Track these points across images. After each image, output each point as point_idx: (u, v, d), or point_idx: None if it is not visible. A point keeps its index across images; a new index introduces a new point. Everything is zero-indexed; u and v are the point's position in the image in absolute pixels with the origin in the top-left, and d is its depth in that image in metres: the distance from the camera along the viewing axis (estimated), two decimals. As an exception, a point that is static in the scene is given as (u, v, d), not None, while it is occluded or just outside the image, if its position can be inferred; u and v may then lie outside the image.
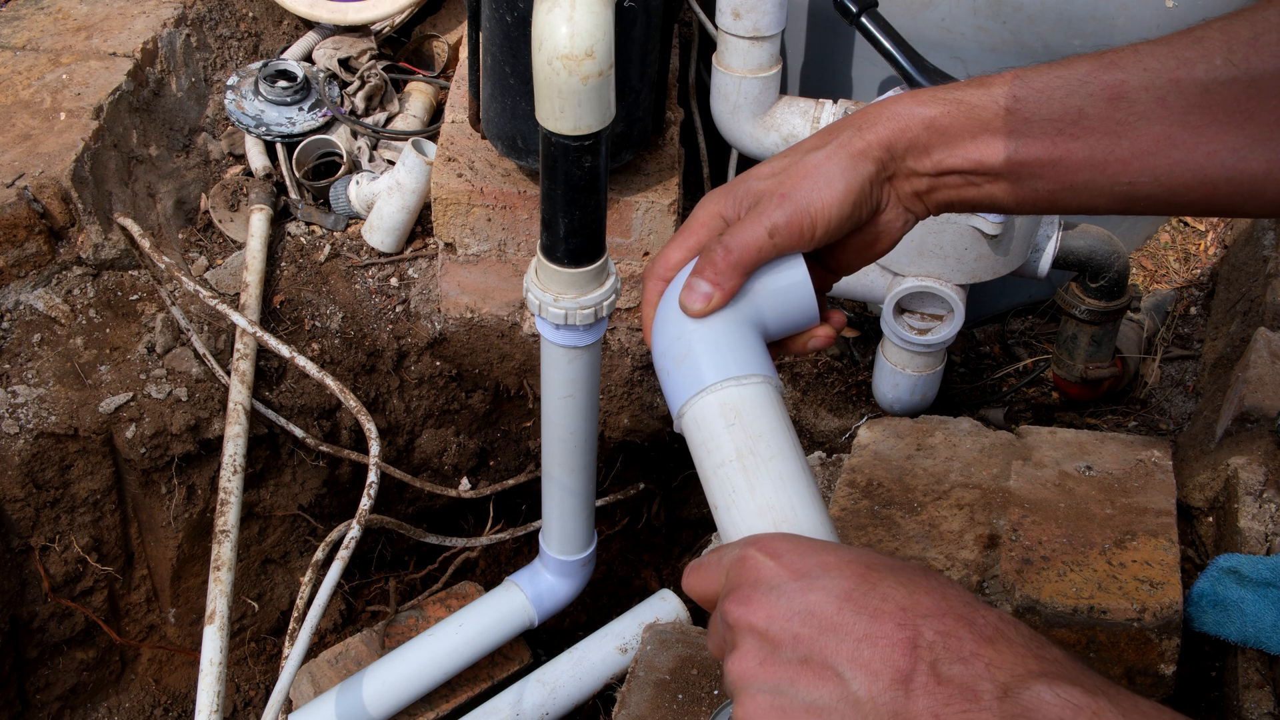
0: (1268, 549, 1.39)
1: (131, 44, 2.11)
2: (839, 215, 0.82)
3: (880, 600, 0.64)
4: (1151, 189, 0.79)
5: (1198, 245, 2.36)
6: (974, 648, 0.62)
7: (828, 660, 0.64)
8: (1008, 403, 2.12)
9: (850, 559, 0.67)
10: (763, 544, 0.69)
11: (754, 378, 0.83)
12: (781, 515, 0.77)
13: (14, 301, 1.85)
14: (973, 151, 0.82)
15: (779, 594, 0.66)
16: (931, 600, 0.64)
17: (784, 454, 0.81)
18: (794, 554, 0.68)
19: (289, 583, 2.18)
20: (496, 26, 1.71)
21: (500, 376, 2.15)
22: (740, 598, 0.68)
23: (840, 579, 0.65)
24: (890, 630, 0.63)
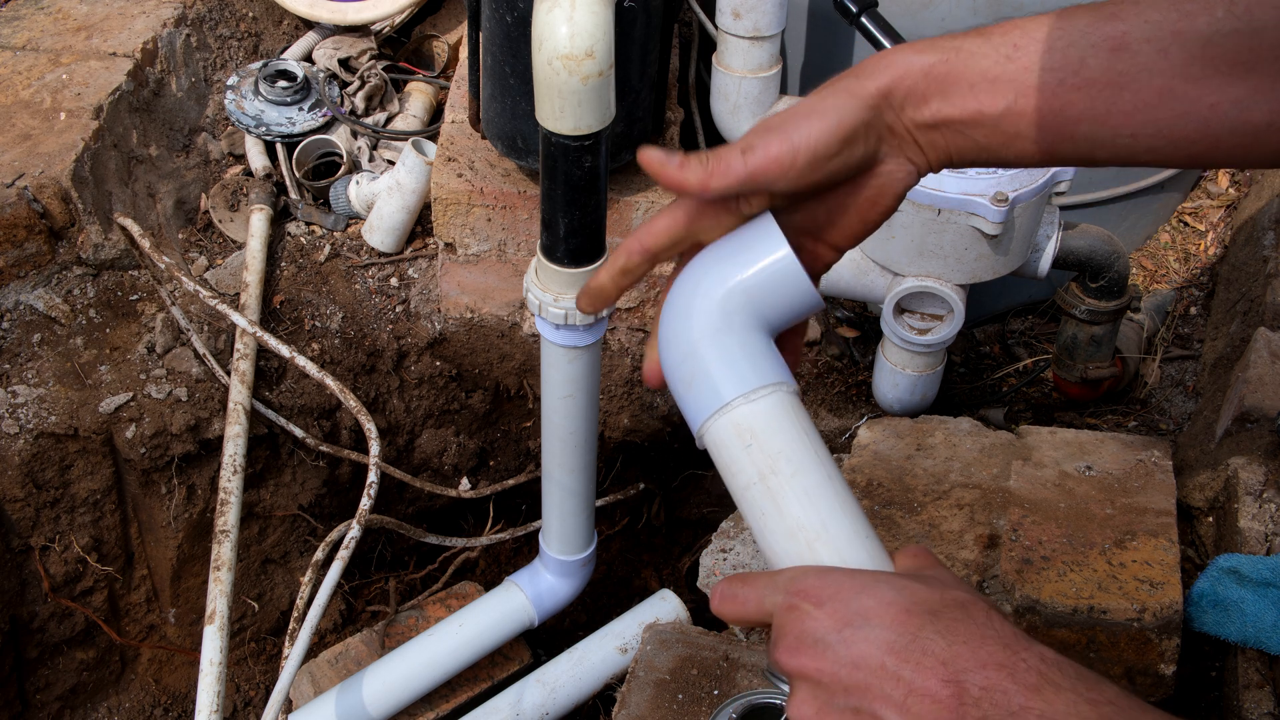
0: (1268, 549, 1.39)
1: (131, 44, 2.11)
2: (824, 147, 0.79)
3: (921, 654, 0.66)
4: (1153, 141, 0.78)
5: (1198, 245, 2.36)
6: (1022, 700, 0.64)
7: (877, 713, 0.67)
8: (1008, 403, 2.12)
9: (889, 601, 0.69)
10: (806, 593, 0.72)
11: (763, 389, 0.82)
12: (813, 533, 0.78)
13: (14, 301, 1.85)
14: (971, 101, 0.80)
15: (826, 647, 0.69)
16: (969, 650, 0.66)
17: (806, 467, 0.80)
18: (836, 601, 0.70)
19: (289, 583, 2.18)
20: (496, 26, 1.71)
21: (500, 376, 2.15)
22: (791, 648, 0.71)
23: (882, 629, 0.68)
24: (935, 686, 0.65)
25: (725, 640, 1.39)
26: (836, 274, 1.81)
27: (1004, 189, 1.64)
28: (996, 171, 1.65)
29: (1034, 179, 1.67)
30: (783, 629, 0.72)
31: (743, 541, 1.56)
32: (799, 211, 0.85)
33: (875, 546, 0.79)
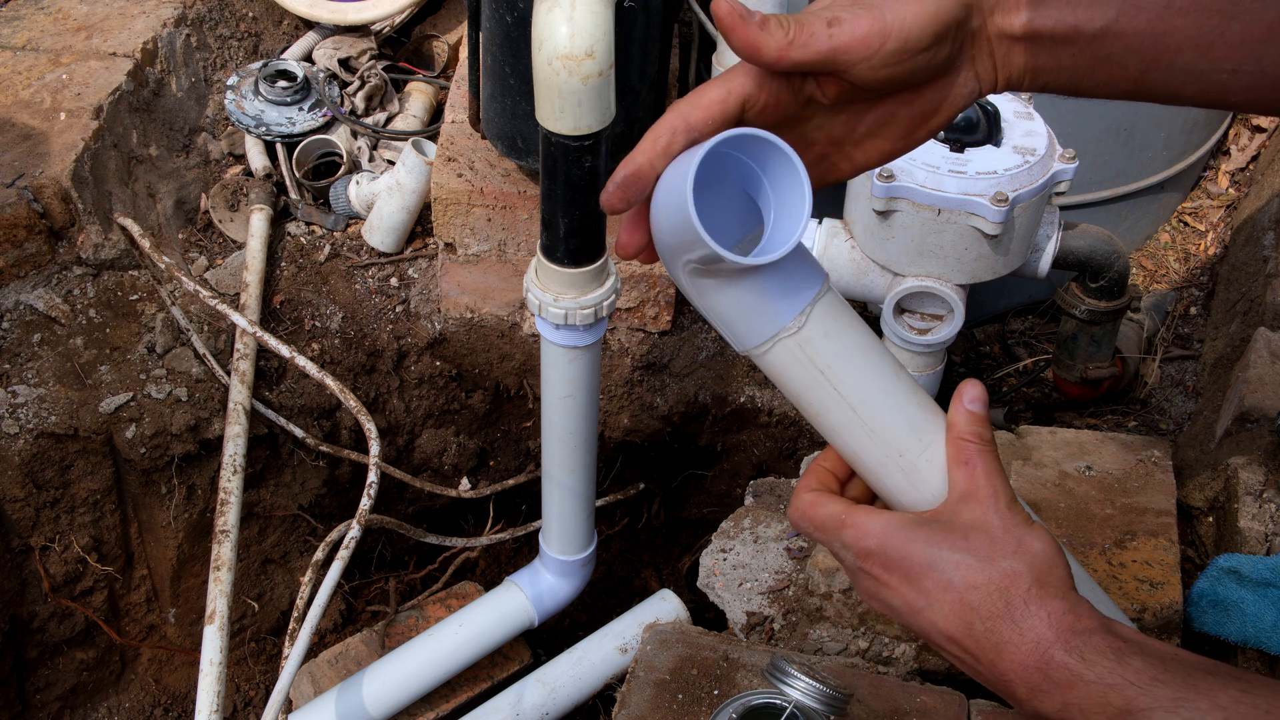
0: (1268, 549, 1.39)
1: (131, 44, 2.11)
2: (917, 36, 0.72)
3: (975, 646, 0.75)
4: (1252, 80, 0.74)
5: (1198, 245, 2.36)
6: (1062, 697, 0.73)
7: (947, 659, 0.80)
8: (1008, 403, 2.12)
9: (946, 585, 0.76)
10: (871, 559, 0.79)
11: (802, 315, 0.78)
12: (884, 437, 0.80)
13: (14, 301, 1.85)
14: (1069, 14, 0.73)
15: (896, 611, 0.79)
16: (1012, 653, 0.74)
17: (865, 364, 0.80)
18: (901, 575, 0.78)
19: (289, 583, 2.18)
20: (496, 26, 1.71)
21: (500, 376, 2.15)
22: (866, 592, 0.81)
23: (940, 617, 0.76)
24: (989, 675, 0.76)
25: (725, 640, 1.39)
26: (836, 274, 1.81)
27: (1004, 189, 1.64)
28: (997, 171, 1.65)
29: (1034, 179, 1.67)
30: (857, 580, 0.81)
31: (742, 541, 1.56)
32: (844, 114, 0.78)
33: (922, 416, 0.81)
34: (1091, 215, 2.19)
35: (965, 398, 0.80)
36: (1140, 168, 2.21)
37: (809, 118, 0.78)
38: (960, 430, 0.80)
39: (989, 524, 0.76)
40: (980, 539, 0.76)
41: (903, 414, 0.80)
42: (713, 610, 1.56)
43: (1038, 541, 0.76)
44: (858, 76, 0.74)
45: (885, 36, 0.71)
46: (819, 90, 0.76)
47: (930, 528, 0.77)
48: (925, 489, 0.81)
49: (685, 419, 2.11)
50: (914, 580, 0.77)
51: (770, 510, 1.60)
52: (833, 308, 0.79)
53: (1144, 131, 2.15)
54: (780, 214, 0.76)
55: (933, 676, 1.36)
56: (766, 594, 1.49)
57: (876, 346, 0.81)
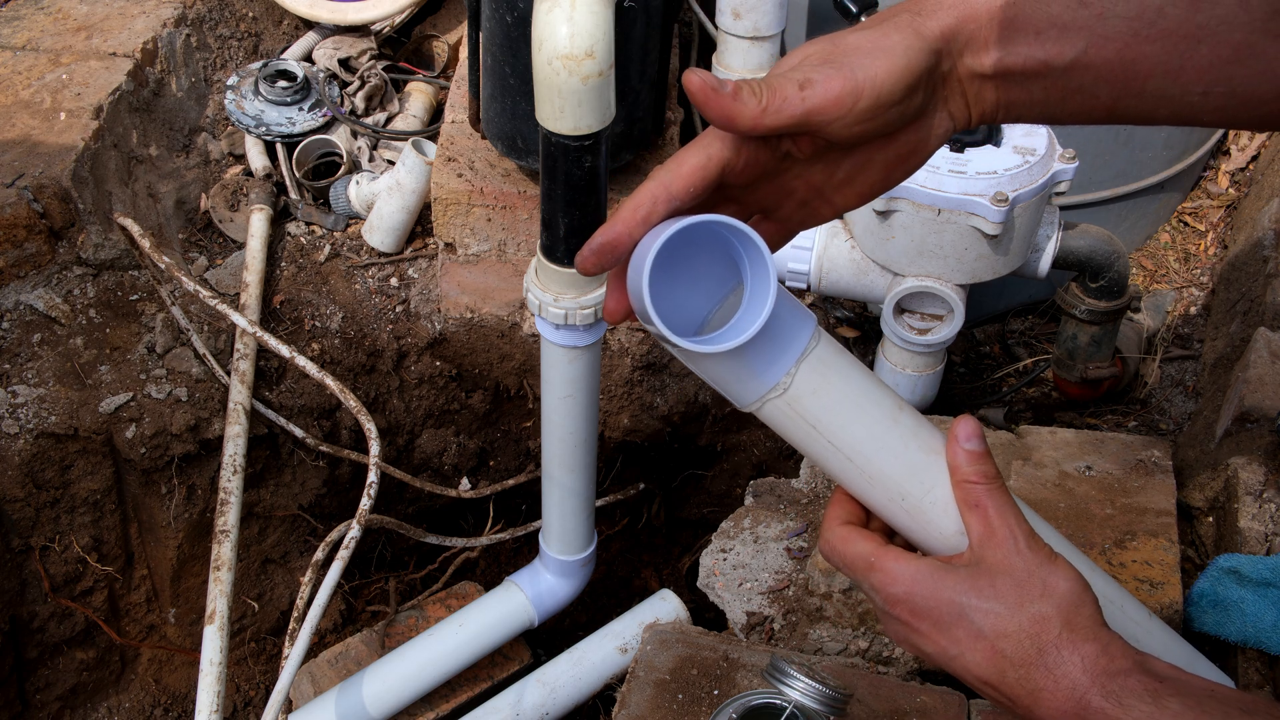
0: (1268, 549, 1.39)
1: (131, 44, 2.11)
2: (889, 91, 0.72)
3: (1011, 694, 0.76)
4: (1223, 100, 0.74)
5: (1198, 245, 2.36)
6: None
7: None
8: (1008, 403, 2.12)
9: (976, 635, 0.76)
10: (898, 605, 0.79)
11: (788, 376, 0.79)
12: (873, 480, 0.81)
13: (14, 301, 1.85)
14: (1038, 50, 0.74)
15: (930, 657, 0.80)
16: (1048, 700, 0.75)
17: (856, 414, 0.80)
18: (930, 622, 0.78)
19: (289, 583, 2.18)
20: (496, 26, 1.71)
21: (500, 376, 2.15)
22: (898, 637, 0.82)
23: (975, 665, 0.77)
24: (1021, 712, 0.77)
25: (725, 640, 1.39)
26: (836, 274, 1.81)
27: (1004, 189, 1.64)
28: (997, 171, 1.65)
29: (1034, 179, 1.67)
30: (884, 624, 0.82)
31: (742, 541, 1.56)
32: (821, 163, 0.78)
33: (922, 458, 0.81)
34: (1091, 215, 2.19)
35: (961, 437, 0.80)
36: (1140, 168, 2.21)
37: (787, 169, 0.79)
38: (964, 473, 0.80)
39: (1013, 567, 0.77)
40: (1006, 584, 0.76)
41: (900, 460, 0.81)
42: (713, 610, 1.56)
43: (1063, 581, 0.76)
44: (833, 134, 0.74)
45: (858, 95, 0.72)
46: (795, 147, 0.77)
47: (957, 574, 0.77)
48: (933, 529, 0.81)
49: (685, 419, 2.11)
50: (944, 629, 0.77)
51: (770, 510, 1.60)
52: (821, 362, 0.79)
53: (1144, 131, 2.16)
54: (754, 287, 0.76)
55: (933, 676, 1.36)
56: (766, 594, 1.49)
57: (871, 392, 0.81)
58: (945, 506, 0.80)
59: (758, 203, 0.81)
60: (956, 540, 0.80)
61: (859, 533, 0.82)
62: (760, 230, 0.78)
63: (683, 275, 0.77)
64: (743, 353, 0.77)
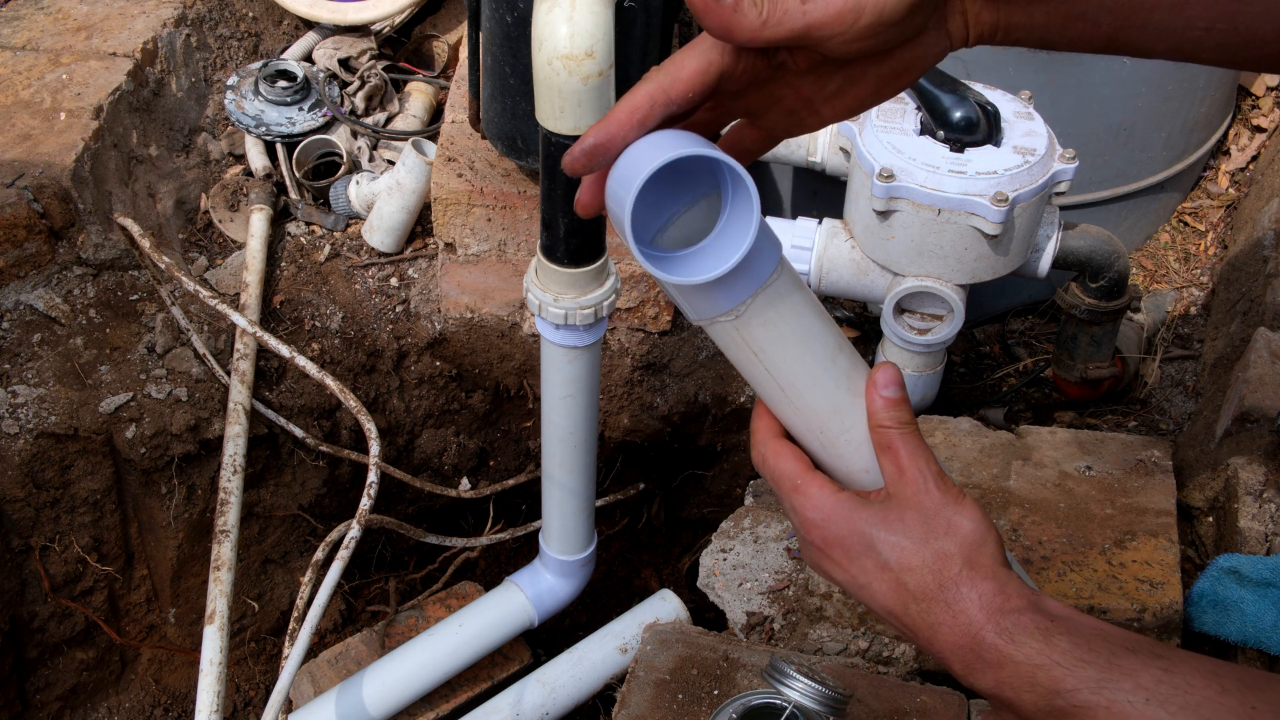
0: (1268, 549, 1.39)
1: (131, 44, 2.11)
2: (891, 10, 0.71)
3: (913, 626, 0.80)
4: (1225, 37, 0.74)
5: (1198, 245, 2.36)
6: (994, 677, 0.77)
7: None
8: (1008, 403, 2.12)
9: (883, 566, 0.80)
10: (814, 533, 0.82)
11: (744, 304, 0.79)
12: (799, 408, 0.84)
13: (14, 301, 1.85)
14: None
15: (841, 583, 0.83)
16: (945, 634, 0.78)
17: (798, 351, 0.82)
18: (840, 553, 0.82)
19: (289, 583, 2.18)
20: (496, 26, 1.71)
21: (500, 376, 2.15)
22: (814, 562, 0.85)
23: (881, 596, 0.80)
24: (930, 650, 0.79)
25: (725, 640, 1.39)
26: (836, 274, 1.81)
27: (1004, 189, 1.64)
28: (997, 171, 1.65)
29: (1034, 179, 1.67)
30: (804, 548, 0.86)
31: (742, 541, 1.56)
32: (813, 75, 0.78)
33: (847, 396, 0.84)
34: (1091, 215, 2.19)
35: (879, 383, 0.82)
36: (1140, 168, 2.21)
37: (779, 79, 0.79)
38: (879, 418, 0.82)
39: (921, 504, 0.80)
40: (914, 519, 0.79)
41: (828, 399, 0.84)
42: (713, 610, 1.56)
43: (968, 520, 0.79)
44: (831, 50, 0.74)
45: (859, 12, 0.71)
46: (791, 59, 0.77)
47: (870, 508, 0.81)
48: (841, 463, 0.85)
49: (685, 419, 2.11)
50: (854, 558, 0.81)
51: (770, 510, 1.60)
52: (777, 295, 0.80)
53: (1144, 131, 2.16)
54: (732, 220, 0.76)
55: (933, 676, 1.36)
56: (766, 594, 1.49)
57: (816, 331, 0.83)
58: (858, 446, 0.84)
59: (744, 108, 0.81)
60: (861, 477, 0.85)
61: (791, 450, 0.85)
62: (745, 136, 0.81)
63: (655, 184, 0.75)
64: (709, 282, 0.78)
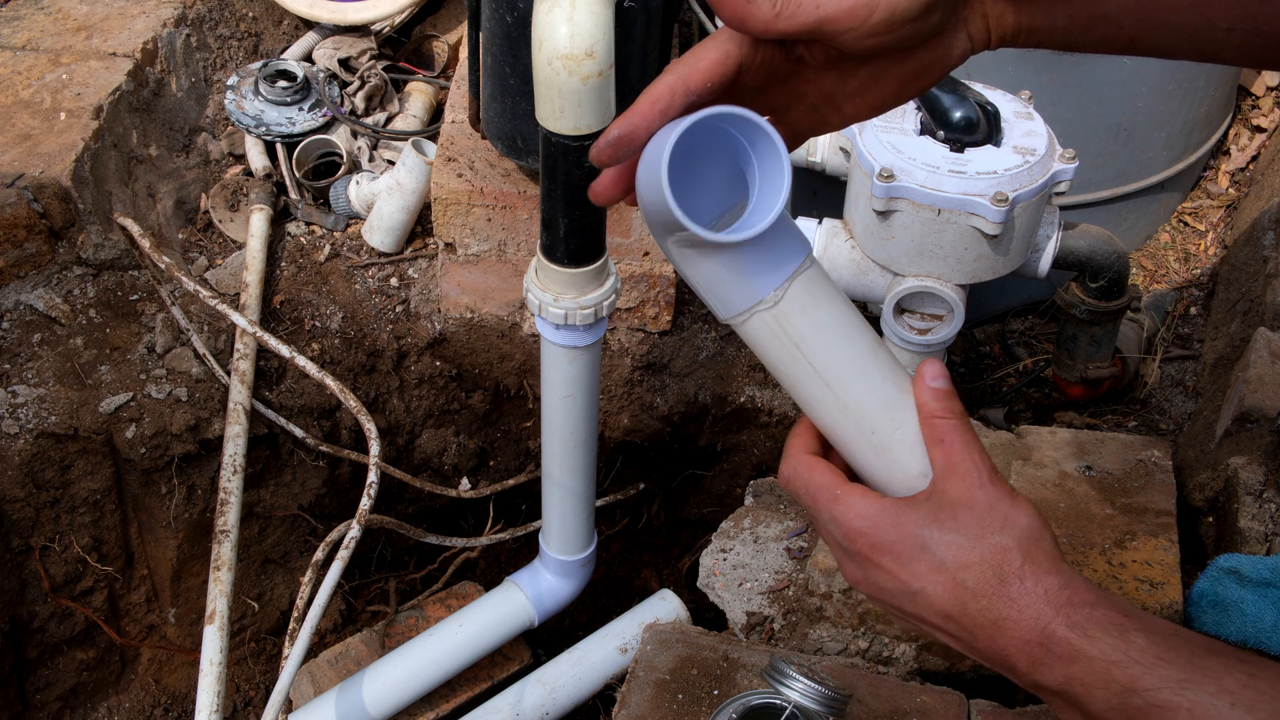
0: (1268, 549, 1.39)
1: (131, 44, 2.11)
2: (905, 7, 0.72)
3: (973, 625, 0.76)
4: (1246, 38, 0.74)
5: (1198, 245, 2.36)
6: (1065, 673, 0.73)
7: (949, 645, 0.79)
8: (1008, 403, 2.12)
9: (937, 567, 0.76)
10: (859, 542, 0.78)
11: (780, 289, 0.79)
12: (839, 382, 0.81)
13: (14, 301, 1.85)
14: None
15: (890, 596, 0.79)
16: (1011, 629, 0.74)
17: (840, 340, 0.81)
18: (892, 558, 0.77)
19: (289, 583, 2.18)
20: (496, 26, 1.71)
21: (500, 376, 2.15)
22: (855, 579, 0.81)
23: (937, 599, 0.76)
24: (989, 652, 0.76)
25: (725, 640, 1.39)
26: (836, 274, 1.81)
27: (1004, 189, 1.64)
28: (996, 171, 1.65)
29: (1034, 179, 1.67)
30: (845, 563, 0.81)
31: (742, 541, 1.56)
32: (834, 71, 0.79)
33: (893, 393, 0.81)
34: (1091, 215, 2.19)
35: (927, 376, 0.81)
36: (1140, 168, 2.21)
37: (800, 74, 0.79)
38: (930, 409, 0.80)
39: (974, 500, 0.77)
40: (967, 517, 0.76)
41: (876, 393, 0.81)
42: (713, 610, 1.56)
43: (1024, 515, 0.77)
44: (845, 45, 0.74)
45: (872, 8, 0.72)
46: (808, 53, 0.77)
47: (919, 508, 0.78)
48: (898, 469, 0.81)
49: (685, 419, 2.11)
50: (905, 563, 0.77)
51: (770, 510, 1.60)
52: (812, 283, 0.80)
53: (1144, 131, 2.16)
54: (763, 189, 0.77)
55: (933, 676, 1.36)
56: (766, 594, 1.49)
57: (855, 323, 0.82)
58: (912, 445, 0.81)
59: (767, 104, 0.81)
60: (918, 481, 0.81)
61: (823, 464, 0.82)
62: None
63: (684, 181, 0.76)
64: (744, 254, 0.77)
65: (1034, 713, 1.28)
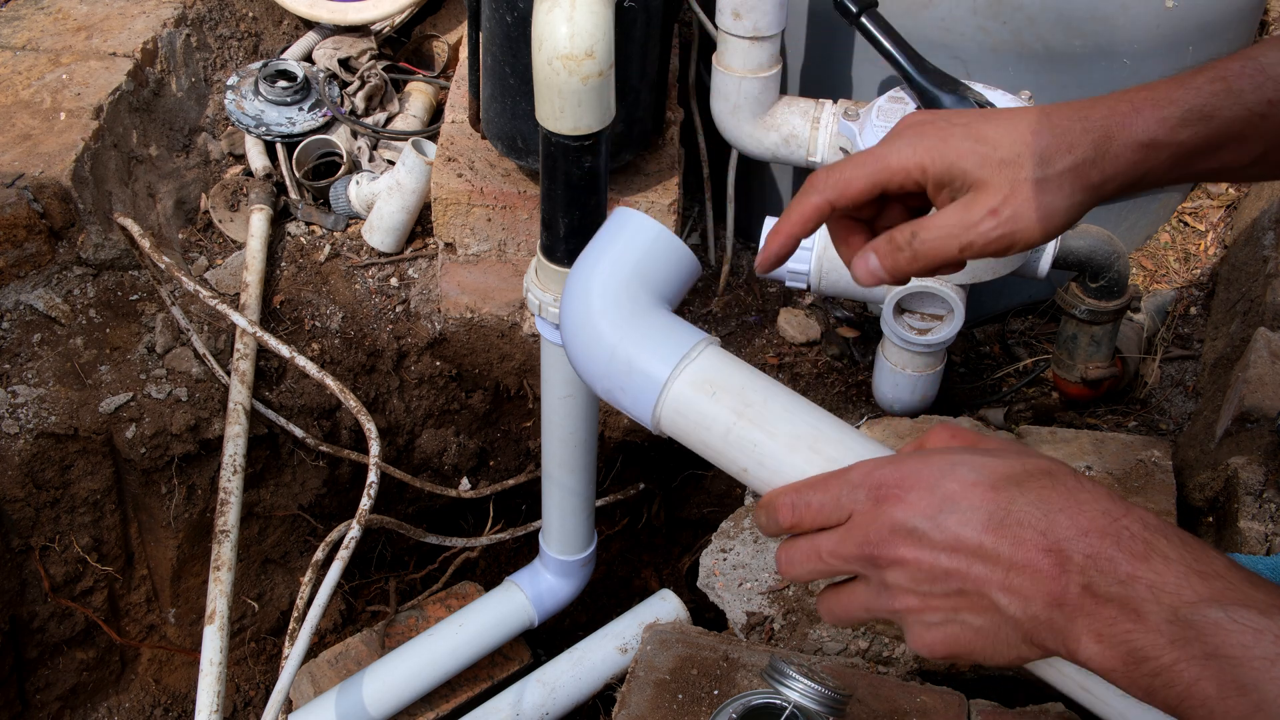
0: (1268, 549, 1.39)
1: (131, 44, 2.11)
2: (1035, 243, 0.81)
3: (1018, 527, 0.65)
4: None
5: (1198, 245, 2.35)
6: (1129, 569, 0.63)
7: (984, 590, 0.66)
8: (1008, 403, 2.12)
9: (973, 482, 0.68)
10: (886, 484, 0.70)
11: (699, 345, 0.85)
12: (811, 437, 0.80)
13: (14, 301, 1.85)
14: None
15: (922, 535, 0.68)
16: (1068, 518, 0.65)
17: (773, 391, 0.83)
18: (919, 488, 0.69)
19: (289, 583, 2.18)
20: (496, 26, 1.71)
21: (500, 376, 2.15)
22: (884, 539, 0.70)
23: (973, 510, 0.67)
24: (1036, 557, 0.64)
25: (725, 640, 1.39)
26: (836, 274, 1.81)
27: (1004, 189, 1.64)
28: (996, 171, 1.65)
29: (1034, 179, 1.67)
30: (871, 522, 0.70)
31: (742, 541, 1.56)
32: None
33: (875, 444, 0.80)
34: (1092, 215, 2.18)
35: (943, 433, 0.80)
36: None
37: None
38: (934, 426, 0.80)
39: (1006, 445, 0.73)
40: (1003, 451, 0.71)
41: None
42: (713, 610, 1.56)
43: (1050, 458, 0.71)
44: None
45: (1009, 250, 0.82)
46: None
47: (949, 449, 0.73)
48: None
49: (685, 419, 2.10)
50: (933, 487, 0.68)
51: (770, 510, 1.60)
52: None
53: (1144, 131, 2.15)
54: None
55: (933, 676, 1.36)
56: (766, 594, 1.49)
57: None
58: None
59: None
60: None
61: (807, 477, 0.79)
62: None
63: None
64: None
65: (1034, 712, 1.28)
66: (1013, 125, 0.80)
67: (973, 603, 0.67)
